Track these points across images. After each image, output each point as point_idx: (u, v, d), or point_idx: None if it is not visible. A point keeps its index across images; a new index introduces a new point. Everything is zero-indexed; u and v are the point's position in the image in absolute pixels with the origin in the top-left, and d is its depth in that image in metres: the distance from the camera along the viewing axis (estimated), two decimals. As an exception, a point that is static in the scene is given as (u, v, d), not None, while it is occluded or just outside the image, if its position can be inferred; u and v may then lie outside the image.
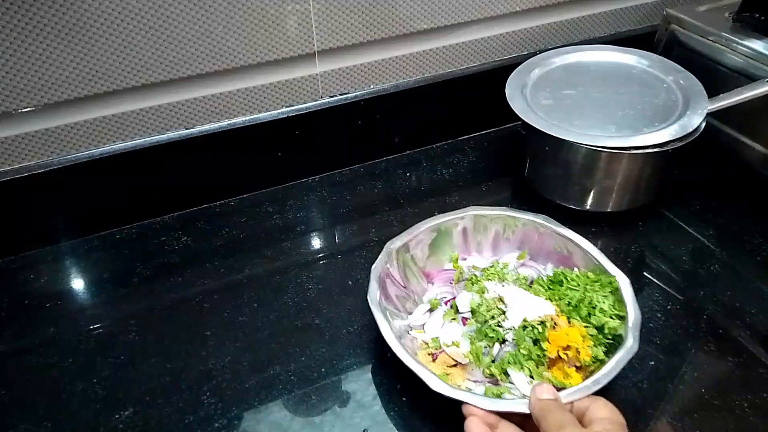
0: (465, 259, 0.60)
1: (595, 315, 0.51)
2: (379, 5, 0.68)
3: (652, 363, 0.53)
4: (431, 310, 0.56)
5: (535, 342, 0.49)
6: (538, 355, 0.48)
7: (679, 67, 0.70)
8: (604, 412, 0.42)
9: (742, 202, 0.69)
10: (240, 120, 0.69)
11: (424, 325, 0.54)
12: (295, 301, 0.60)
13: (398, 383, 0.51)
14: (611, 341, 0.50)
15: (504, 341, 0.50)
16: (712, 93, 0.65)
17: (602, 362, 0.48)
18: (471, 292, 0.54)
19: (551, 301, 0.52)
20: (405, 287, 0.56)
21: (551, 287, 0.54)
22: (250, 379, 0.53)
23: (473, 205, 0.61)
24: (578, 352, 0.48)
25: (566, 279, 0.54)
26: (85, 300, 0.62)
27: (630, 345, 0.47)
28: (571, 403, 0.44)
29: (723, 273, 0.61)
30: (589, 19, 0.82)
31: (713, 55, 0.71)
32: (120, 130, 0.65)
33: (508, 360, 0.49)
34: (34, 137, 0.61)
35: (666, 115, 0.63)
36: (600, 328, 0.50)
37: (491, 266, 0.57)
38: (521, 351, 0.49)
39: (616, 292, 0.52)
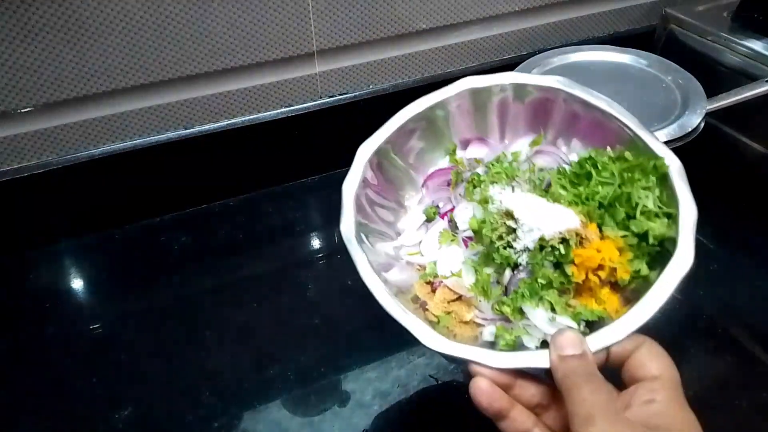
0: (465, 150, 0.48)
1: (636, 219, 0.39)
2: (378, 5, 0.68)
3: (652, 362, 0.53)
4: (429, 222, 0.45)
5: (557, 266, 0.38)
6: (562, 282, 0.38)
7: (678, 66, 0.70)
8: (653, 368, 0.32)
9: (741, 202, 0.69)
10: (239, 120, 0.69)
11: (420, 243, 0.44)
12: (295, 301, 0.60)
13: (398, 383, 0.51)
14: (658, 249, 0.38)
15: (517, 266, 0.39)
16: (711, 93, 0.65)
17: (645, 278, 0.37)
18: (472, 203, 0.43)
19: (576, 204, 0.40)
20: (390, 198, 0.45)
21: (576, 182, 0.42)
22: (250, 379, 0.53)
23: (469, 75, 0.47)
24: (614, 271, 0.38)
25: (596, 168, 0.41)
26: (85, 300, 0.62)
27: (686, 256, 0.36)
28: (605, 357, 0.34)
29: (722, 273, 0.61)
30: (588, 19, 0.82)
31: (712, 55, 0.71)
32: (120, 130, 0.65)
33: (523, 293, 0.38)
34: (34, 137, 0.61)
35: (665, 115, 0.64)
36: (643, 236, 0.38)
37: (497, 161, 0.45)
38: (539, 279, 0.38)
39: (665, 179, 0.39)
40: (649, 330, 0.55)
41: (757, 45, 0.67)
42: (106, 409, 0.50)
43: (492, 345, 0.39)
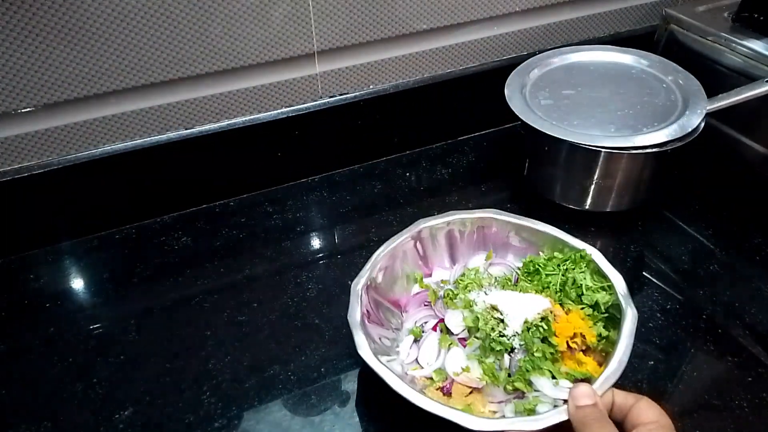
0: (429, 276, 0.57)
1: (584, 294, 0.50)
2: (378, 5, 0.68)
3: (652, 363, 0.53)
4: (416, 341, 0.52)
5: (543, 340, 0.47)
6: (552, 353, 0.47)
7: (679, 67, 0.70)
8: (650, 415, 0.39)
9: (741, 202, 0.69)
10: (240, 120, 0.69)
11: (417, 359, 0.50)
12: (295, 301, 0.60)
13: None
14: (607, 315, 0.49)
15: (512, 350, 0.48)
16: (712, 93, 0.65)
17: (607, 338, 0.47)
18: (458, 310, 0.51)
19: (539, 291, 0.52)
20: (385, 325, 0.52)
21: (530, 279, 0.53)
22: (250, 379, 0.53)
23: (421, 218, 0.57)
24: (583, 336, 0.47)
25: (539, 266, 0.53)
26: (85, 300, 0.62)
27: (630, 313, 0.47)
28: (611, 402, 0.42)
29: (722, 273, 0.61)
30: (589, 19, 0.82)
31: (712, 55, 0.71)
32: (120, 130, 0.65)
33: (526, 368, 0.46)
34: (34, 137, 0.61)
35: (665, 115, 0.64)
36: (594, 306, 0.50)
37: (463, 276, 0.55)
38: (535, 354, 0.46)
39: (591, 264, 0.52)
40: (649, 331, 0.55)
41: (757, 45, 0.67)
42: (106, 410, 0.50)
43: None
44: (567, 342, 0.47)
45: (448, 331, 0.51)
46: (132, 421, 0.50)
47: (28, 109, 0.60)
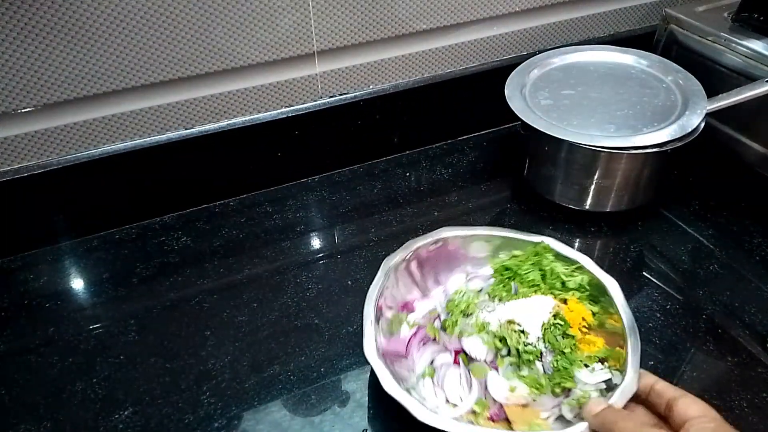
0: (413, 311, 0.54)
1: (565, 281, 0.52)
2: (378, 5, 0.68)
3: (651, 363, 0.53)
4: (432, 378, 0.49)
5: (563, 335, 0.49)
6: (573, 345, 0.48)
7: (678, 67, 0.70)
8: (698, 409, 0.39)
9: (741, 202, 0.69)
10: (239, 120, 0.69)
11: (446, 400, 0.48)
12: (295, 301, 0.60)
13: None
14: (590, 291, 0.52)
15: (541, 354, 0.48)
16: (711, 93, 0.65)
17: (599, 314, 0.50)
18: (473, 336, 0.50)
19: (536, 291, 0.52)
20: (401, 379, 0.48)
21: (522, 282, 0.53)
22: (250, 379, 0.53)
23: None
24: (584, 319, 0.50)
25: (512, 270, 0.53)
26: (85, 300, 0.62)
27: (612, 284, 0.50)
28: (650, 385, 0.43)
29: (722, 273, 0.61)
30: (588, 19, 0.82)
31: (712, 55, 0.71)
32: (120, 130, 0.65)
33: (563, 365, 0.47)
34: (34, 137, 0.61)
35: (665, 115, 0.64)
36: (579, 288, 0.52)
37: (452, 301, 0.53)
38: (564, 351, 0.48)
39: (550, 252, 0.53)
40: (649, 331, 0.55)
41: (757, 45, 0.67)
42: (106, 410, 0.51)
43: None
44: (580, 329, 0.49)
45: (470, 359, 0.50)
46: (132, 421, 0.50)
47: (28, 109, 0.60)
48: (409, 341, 0.52)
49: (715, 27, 0.71)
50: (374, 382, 0.52)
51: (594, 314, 0.50)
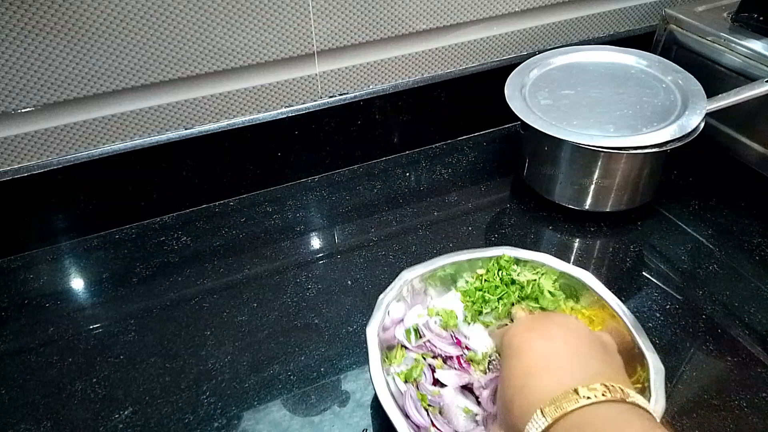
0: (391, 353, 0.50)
1: (538, 282, 0.52)
2: (378, 5, 0.68)
3: (651, 362, 0.53)
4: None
5: None
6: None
7: (678, 67, 0.70)
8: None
9: (740, 202, 0.69)
10: (239, 120, 0.69)
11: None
12: (295, 300, 0.60)
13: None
14: (565, 291, 0.53)
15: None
16: (711, 93, 0.65)
17: (577, 302, 0.52)
18: (477, 324, 0.50)
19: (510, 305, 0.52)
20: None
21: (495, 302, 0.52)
22: (250, 379, 0.53)
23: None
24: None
25: (482, 289, 0.52)
26: (85, 300, 0.62)
27: (582, 274, 0.51)
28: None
29: (722, 273, 0.61)
30: (588, 19, 0.82)
31: (712, 56, 0.71)
32: (120, 130, 0.65)
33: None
34: (34, 137, 0.61)
35: (665, 115, 0.64)
36: (553, 292, 0.52)
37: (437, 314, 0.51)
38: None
39: (513, 262, 0.53)
40: (649, 331, 0.55)
41: (757, 45, 0.67)
42: (105, 410, 0.51)
43: None
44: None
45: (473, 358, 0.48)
46: (131, 420, 0.50)
47: (28, 109, 0.60)
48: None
49: (715, 27, 0.71)
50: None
51: (573, 309, 0.51)
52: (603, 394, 0.33)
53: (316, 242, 0.68)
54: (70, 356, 0.55)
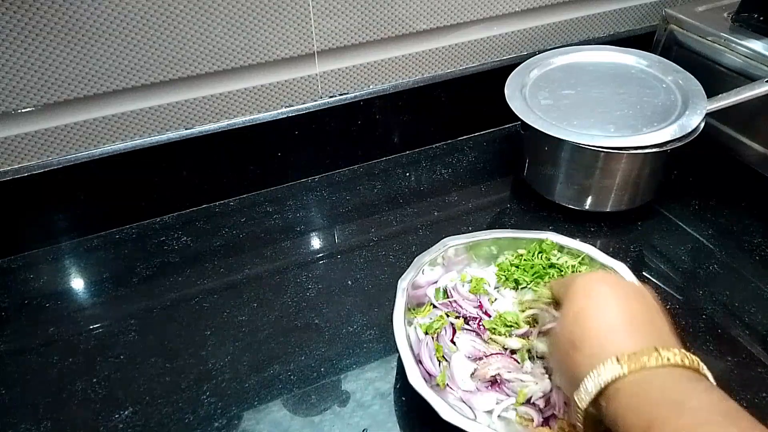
0: (415, 319, 0.53)
1: (577, 268, 0.55)
2: (378, 5, 0.68)
3: (651, 362, 0.53)
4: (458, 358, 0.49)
5: None
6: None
7: (678, 67, 0.70)
8: None
9: (741, 202, 0.69)
10: (240, 120, 0.69)
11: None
12: (295, 300, 0.60)
13: (397, 383, 0.51)
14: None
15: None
16: (711, 93, 0.65)
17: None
18: (507, 290, 0.54)
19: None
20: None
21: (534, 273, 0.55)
22: (250, 379, 0.53)
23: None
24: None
25: (517, 267, 0.55)
26: (85, 300, 0.62)
27: (622, 268, 0.53)
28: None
29: (722, 273, 0.61)
30: (588, 19, 0.82)
31: (712, 56, 0.71)
32: (120, 130, 0.65)
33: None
34: (34, 137, 0.61)
35: (665, 115, 0.64)
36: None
37: (470, 282, 0.55)
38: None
39: (554, 247, 0.56)
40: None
41: (757, 45, 0.67)
42: (106, 410, 0.51)
43: None
44: None
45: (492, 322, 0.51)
46: (132, 420, 0.50)
47: (28, 109, 0.60)
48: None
49: (715, 27, 0.71)
50: (372, 380, 0.52)
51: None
52: (682, 360, 0.35)
53: (316, 242, 0.68)
54: (70, 356, 0.55)
